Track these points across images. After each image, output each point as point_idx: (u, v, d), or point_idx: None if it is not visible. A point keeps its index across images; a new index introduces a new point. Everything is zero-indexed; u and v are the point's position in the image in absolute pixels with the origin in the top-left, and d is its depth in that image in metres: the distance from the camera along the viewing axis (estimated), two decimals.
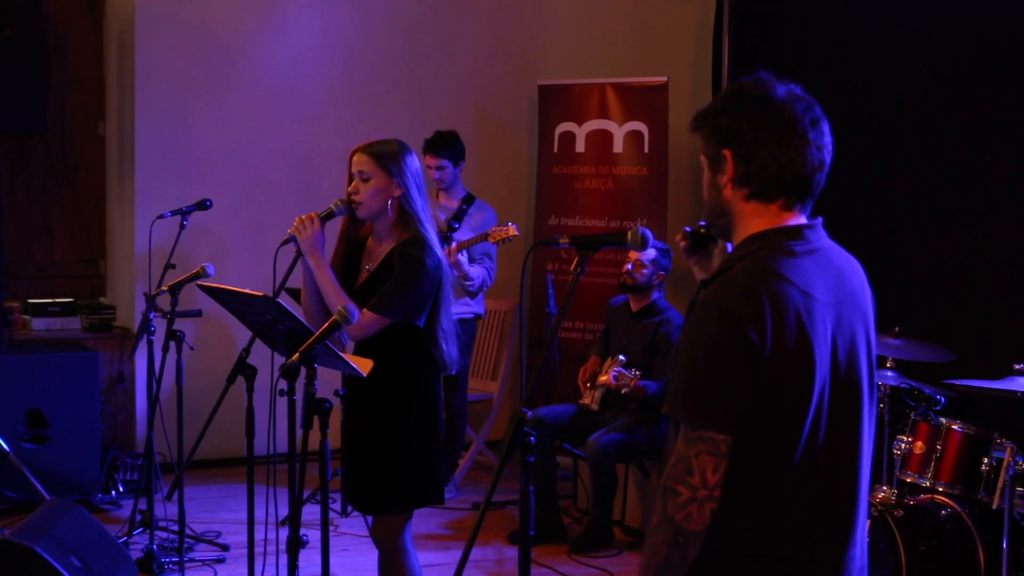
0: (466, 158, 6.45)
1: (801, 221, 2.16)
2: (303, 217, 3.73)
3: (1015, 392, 3.95)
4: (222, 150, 6.92)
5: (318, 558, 3.62)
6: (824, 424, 2.08)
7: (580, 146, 7.19)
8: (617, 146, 7.08)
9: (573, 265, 2.73)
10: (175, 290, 4.98)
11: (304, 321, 3.52)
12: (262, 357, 3.97)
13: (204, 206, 5.69)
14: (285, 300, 3.59)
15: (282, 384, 3.40)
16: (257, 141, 7.00)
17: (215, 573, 5.15)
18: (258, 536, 4.25)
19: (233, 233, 6.91)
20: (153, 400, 5.24)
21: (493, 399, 7.00)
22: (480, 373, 7.15)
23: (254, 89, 6.98)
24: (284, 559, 3.56)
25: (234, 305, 3.68)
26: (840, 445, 2.11)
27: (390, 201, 3.73)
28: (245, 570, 4.22)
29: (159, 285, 5.20)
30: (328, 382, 3.87)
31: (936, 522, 4.47)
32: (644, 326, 5.77)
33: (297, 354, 3.23)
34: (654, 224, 6.74)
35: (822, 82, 2.30)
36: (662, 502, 2.03)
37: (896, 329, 4.80)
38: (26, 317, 6.80)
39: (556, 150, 7.26)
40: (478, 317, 6.48)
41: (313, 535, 3.67)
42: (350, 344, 3.84)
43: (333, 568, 4.82)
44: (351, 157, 3.79)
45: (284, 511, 4.96)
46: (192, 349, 5.43)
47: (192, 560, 5.20)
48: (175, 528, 5.08)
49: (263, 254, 4.53)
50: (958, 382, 4.12)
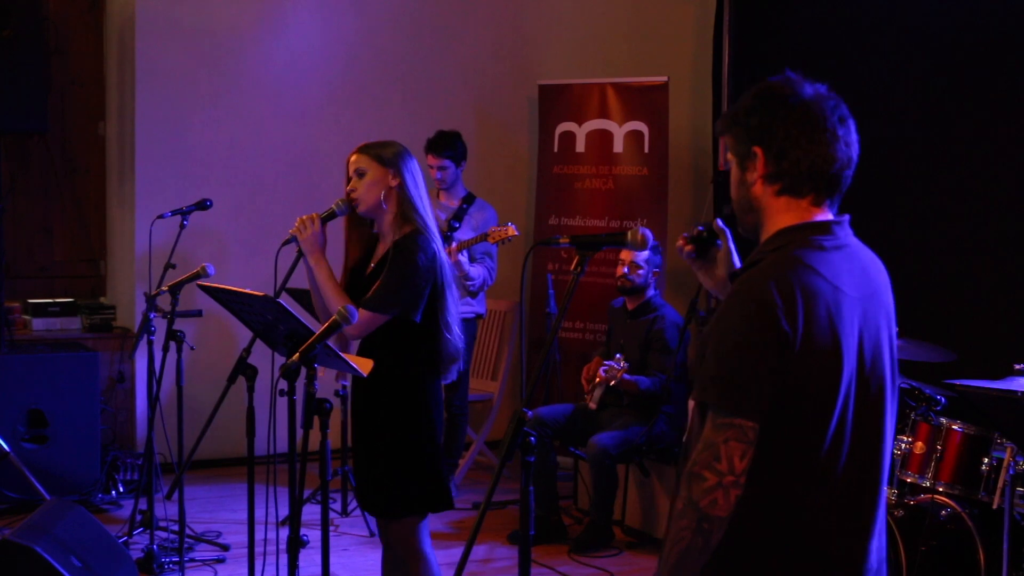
0: (467, 158, 6.45)
1: (829, 217, 2.20)
2: (304, 217, 3.74)
3: (1015, 392, 3.95)
4: (222, 150, 6.92)
5: (318, 558, 3.62)
6: (851, 416, 2.11)
7: (580, 146, 7.19)
8: (617, 146, 7.08)
9: (573, 265, 2.72)
10: (175, 290, 4.98)
11: (304, 321, 3.51)
12: (262, 357, 3.97)
13: (204, 206, 5.69)
14: (286, 300, 3.59)
15: (282, 384, 3.40)
16: (257, 141, 7.00)
17: (215, 573, 5.15)
18: (258, 536, 4.25)
19: (233, 233, 6.91)
20: (153, 400, 5.24)
21: (493, 399, 7.00)
22: (480, 373, 7.15)
23: (254, 89, 6.98)
24: (284, 559, 3.56)
25: (234, 305, 3.68)
26: (864, 438, 2.15)
27: (385, 192, 3.73)
28: (245, 570, 4.22)
29: (159, 285, 5.20)
30: (328, 382, 3.87)
31: (936, 522, 4.47)
32: (639, 324, 5.79)
33: (297, 354, 3.24)
34: (654, 224, 6.74)
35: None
36: (687, 488, 2.06)
37: (896, 329, 4.80)
38: (26, 317, 6.80)
39: (556, 150, 7.26)
40: (479, 317, 6.48)
41: (313, 535, 3.67)
42: (354, 345, 3.83)
43: (333, 568, 4.82)
44: (348, 159, 3.80)
45: (284, 511, 4.96)
46: (192, 349, 5.42)
47: (192, 560, 5.20)
48: (175, 528, 5.08)
49: (263, 254, 4.54)
50: (958, 382, 4.12)
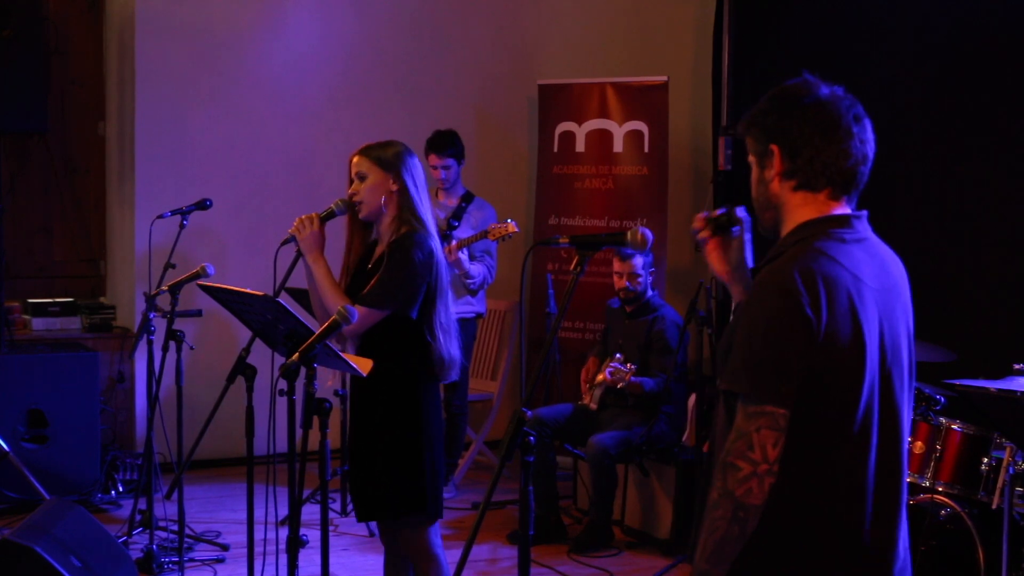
0: (466, 158, 6.46)
1: (847, 211, 2.24)
2: (303, 217, 3.74)
3: (1015, 392, 3.95)
4: (222, 150, 6.92)
5: (318, 558, 3.61)
6: (877, 404, 2.15)
7: (580, 146, 7.19)
8: (617, 146, 7.08)
9: (573, 265, 2.73)
10: (175, 290, 4.98)
11: (304, 321, 3.51)
12: (262, 357, 3.97)
13: (204, 206, 5.69)
14: (285, 300, 3.59)
15: (282, 384, 3.40)
16: (257, 141, 7.00)
17: (215, 573, 5.15)
18: (258, 536, 4.25)
19: (233, 233, 6.91)
20: (153, 400, 5.24)
21: (493, 399, 7.00)
22: (480, 373, 7.15)
23: (254, 89, 6.98)
24: (284, 559, 3.56)
25: (234, 305, 3.68)
26: (888, 428, 2.17)
27: (386, 197, 3.73)
28: (245, 570, 4.23)
29: (159, 285, 5.20)
30: (327, 382, 3.87)
31: (936, 522, 4.47)
32: (639, 324, 5.79)
33: (297, 354, 3.24)
34: (654, 224, 6.74)
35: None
36: (722, 478, 2.09)
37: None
38: (26, 317, 6.80)
39: (556, 150, 7.26)
40: (479, 316, 6.48)
41: (313, 535, 3.67)
42: (350, 345, 3.83)
43: (333, 568, 4.82)
44: (350, 160, 3.80)
45: (284, 511, 4.96)
46: (192, 349, 5.42)
47: (192, 560, 5.20)
48: (175, 528, 5.08)
49: (263, 254, 4.54)
50: (958, 382, 4.13)
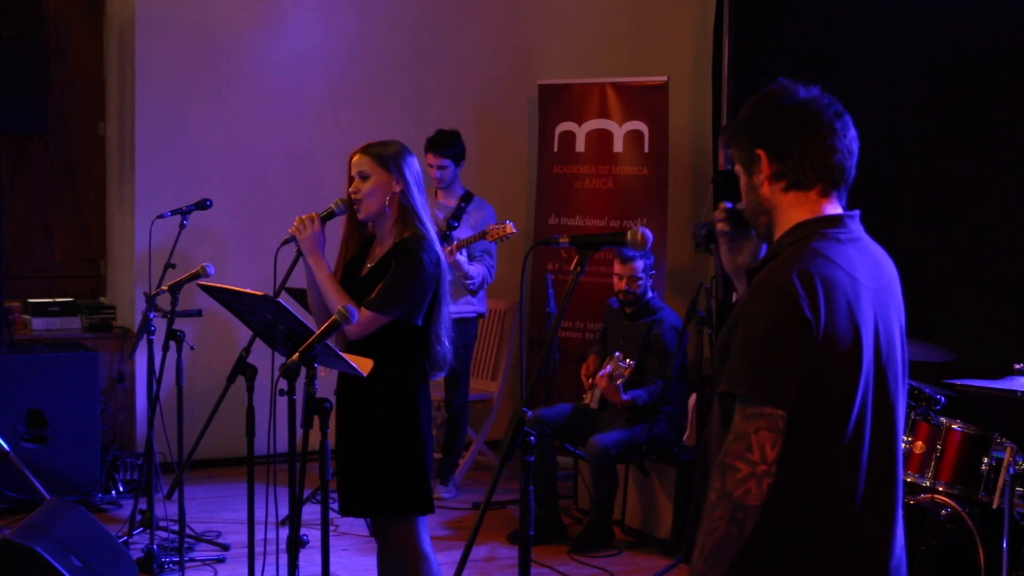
0: (466, 158, 6.45)
1: (839, 210, 2.24)
2: (303, 217, 3.73)
3: (1015, 392, 3.95)
4: (222, 150, 6.92)
5: (318, 558, 3.61)
6: (871, 405, 2.15)
7: (580, 146, 7.19)
8: (617, 146, 7.08)
9: (573, 265, 2.73)
10: (175, 290, 4.98)
11: (304, 321, 3.51)
12: (262, 357, 3.97)
13: (204, 206, 5.69)
14: (285, 300, 3.59)
15: (282, 384, 3.39)
16: (257, 141, 7.00)
17: (215, 573, 5.15)
18: (258, 536, 4.25)
19: (233, 233, 6.91)
20: (153, 400, 5.24)
21: (493, 399, 6.99)
22: (480, 373, 7.14)
23: (254, 89, 6.98)
24: (284, 559, 3.56)
25: (234, 305, 3.68)
26: (882, 427, 2.18)
27: (389, 198, 3.73)
28: (245, 570, 4.22)
29: (159, 285, 5.20)
30: (328, 382, 3.87)
31: (936, 522, 4.47)
32: (638, 326, 5.79)
33: (297, 354, 3.24)
34: (654, 224, 6.74)
35: (822, 81, 2.31)
36: (720, 479, 2.09)
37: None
38: (26, 317, 6.80)
39: (556, 150, 7.26)
40: (480, 316, 6.48)
41: (313, 535, 3.67)
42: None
43: (333, 568, 4.82)
44: (350, 159, 3.79)
45: (284, 511, 4.96)
46: (192, 349, 5.42)
47: (192, 560, 5.20)
48: (175, 528, 5.08)
49: (263, 254, 4.54)
50: (958, 382, 4.12)
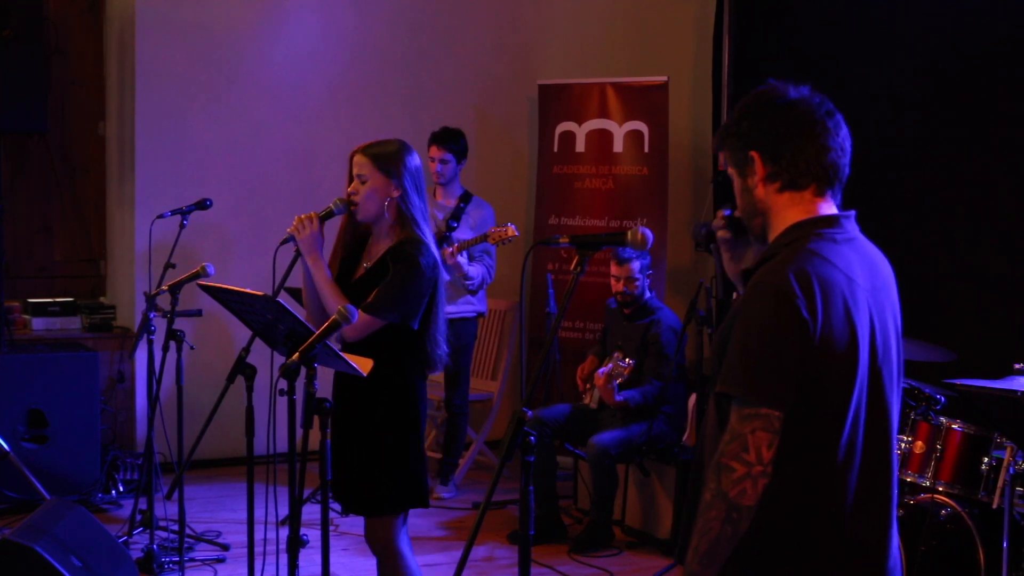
0: (467, 158, 6.45)
1: (834, 210, 2.24)
2: (302, 216, 3.74)
3: (1015, 392, 3.95)
4: (222, 150, 6.92)
5: (318, 558, 3.61)
6: (865, 405, 2.15)
7: (580, 146, 7.19)
8: (617, 146, 7.08)
9: (573, 265, 2.73)
10: (175, 290, 4.98)
11: (304, 321, 3.51)
12: (262, 357, 3.97)
13: (204, 206, 5.69)
14: (285, 299, 3.59)
15: (282, 384, 3.40)
16: (257, 141, 7.00)
17: (215, 573, 5.15)
18: (258, 536, 4.25)
19: (233, 233, 6.91)
20: (153, 400, 5.24)
21: (493, 399, 6.99)
22: (480, 373, 7.15)
23: (254, 89, 6.98)
24: (284, 559, 3.56)
25: (234, 305, 3.68)
26: (877, 428, 2.18)
27: (387, 202, 3.73)
28: (245, 570, 4.22)
29: (159, 285, 5.20)
30: (328, 382, 3.87)
31: (936, 522, 4.46)
32: (637, 327, 5.79)
33: (297, 354, 3.24)
34: (654, 224, 6.74)
35: (822, 82, 2.31)
36: (715, 479, 2.09)
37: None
38: (26, 317, 6.80)
39: (556, 150, 7.26)
40: (480, 315, 6.48)
41: (313, 535, 3.67)
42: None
43: (333, 568, 4.82)
44: (351, 157, 3.79)
45: (284, 511, 4.95)
46: (192, 349, 5.42)
47: (192, 560, 5.20)
48: (175, 528, 5.08)
49: (263, 253, 4.53)
50: (958, 382, 4.12)
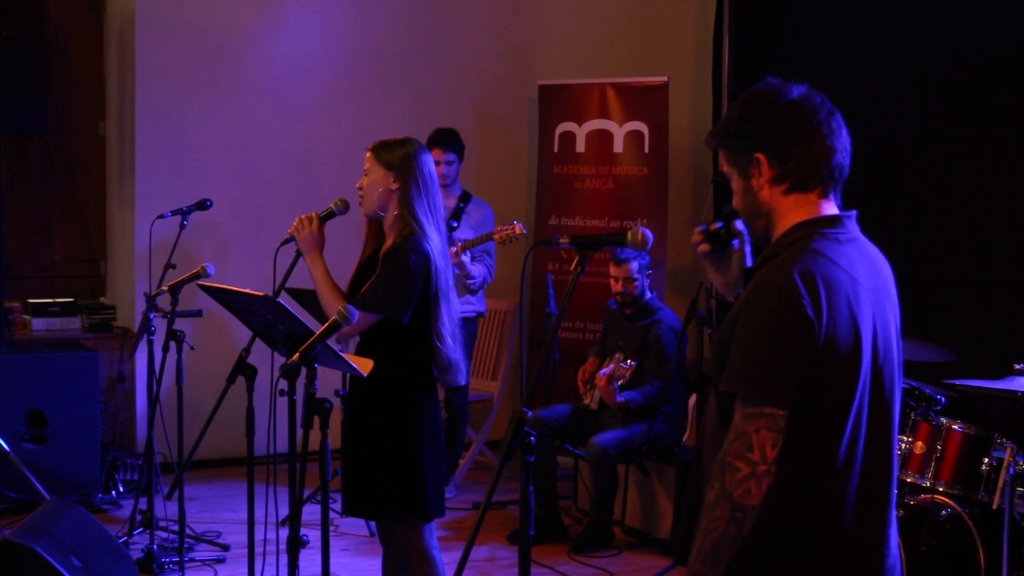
0: (466, 158, 6.46)
1: (836, 210, 2.24)
2: (303, 217, 3.74)
3: (1015, 392, 3.94)
4: (222, 150, 6.92)
5: (318, 558, 3.62)
6: (867, 406, 2.15)
7: (580, 146, 7.19)
8: (617, 146, 7.08)
9: (573, 265, 2.73)
10: (175, 290, 4.98)
11: (304, 321, 3.51)
12: (262, 357, 3.97)
13: (204, 206, 5.69)
14: (285, 300, 3.59)
15: (282, 384, 3.40)
16: (257, 141, 7.00)
17: (215, 573, 5.15)
18: (258, 536, 4.25)
19: (233, 233, 6.91)
20: (153, 400, 5.24)
21: (493, 399, 7.00)
22: (480, 373, 7.15)
23: (254, 89, 6.98)
24: (284, 559, 3.56)
25: (234, 305, 3.68)
26: (879, 428, 2.18)
27: (386, 195, 3.72)
28: (245, 570, 4.23)
29: (159, 285, 5.20)
30: (328, 382, 3.87)
31: (936, 522, 4.46)
32: (637, 327, 5.79)
33: (297, 354, 3.24)
34: (654, 224, 6.73)
35: (822, 81, 2.31)
36: (720, 478, 2.09)
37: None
38: (26, 317, 6.80)
39: (556, 150, 7.26)
40: (480, 315, 6.48)
41: (313, 535, 3.68)
42: (350, 345, 3.82)
43: (333, 568, 4.82)
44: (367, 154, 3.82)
45: (284, 511, 4.96)
46: (192, 349, 5.42)
47: (192, 560, 5.20)
48: (175, 528, 5.08)
49: (263, 254, 4.54)
50: (958, 382, 4.12)
